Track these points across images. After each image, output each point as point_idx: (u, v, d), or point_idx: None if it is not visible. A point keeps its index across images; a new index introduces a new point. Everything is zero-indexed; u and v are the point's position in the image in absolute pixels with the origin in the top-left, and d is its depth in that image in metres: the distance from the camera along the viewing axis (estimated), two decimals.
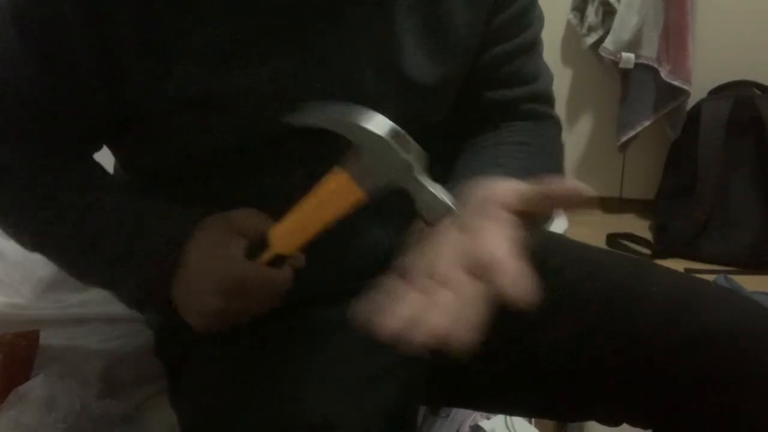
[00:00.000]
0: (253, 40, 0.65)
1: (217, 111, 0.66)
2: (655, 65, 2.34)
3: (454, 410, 1.09)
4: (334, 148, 0.59)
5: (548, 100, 0.84)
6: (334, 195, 0.60)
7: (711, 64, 2.37)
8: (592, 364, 0.72)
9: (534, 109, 0.82)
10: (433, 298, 0.52)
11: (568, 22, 2.49)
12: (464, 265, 0.54)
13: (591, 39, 2.42)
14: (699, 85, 2.36)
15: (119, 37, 0.63)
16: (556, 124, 0.84)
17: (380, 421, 0.66)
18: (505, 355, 0.76)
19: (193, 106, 0.65)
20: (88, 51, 0.64)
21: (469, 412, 1.11)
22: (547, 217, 0.58)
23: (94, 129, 0.71)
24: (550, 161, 0.79)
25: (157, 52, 0.63)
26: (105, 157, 0.78)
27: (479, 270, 0.52)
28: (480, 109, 0.81)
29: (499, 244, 0.54)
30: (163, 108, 0.66)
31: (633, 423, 0.74)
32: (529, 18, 0.79)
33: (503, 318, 0.75)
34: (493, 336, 0.75)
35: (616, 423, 0.75)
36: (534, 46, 0.81)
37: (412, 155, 0.58)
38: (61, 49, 0.64)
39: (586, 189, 0.53)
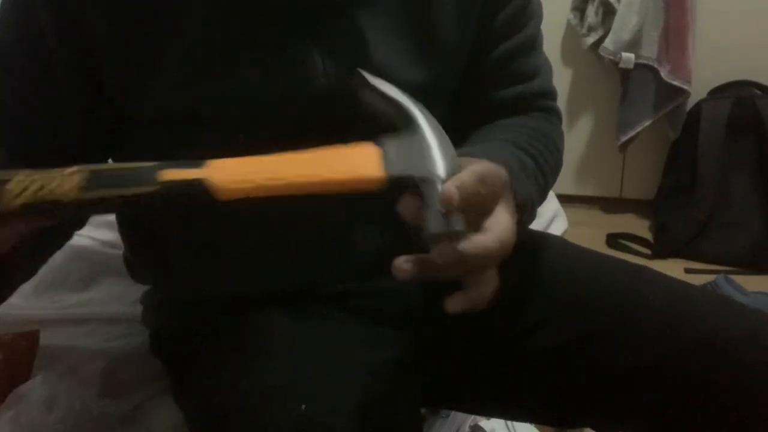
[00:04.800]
0: (228, 49, 0.65)
1: (198, 121, 0.66)
2: (655, 65, 2.34)
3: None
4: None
5: (551, 95, 0.84)
6: (354, 165, 0.51)
7: (711, 64, 2.37)
8: (589, 370, 0.72)
9: (538, 104, 0.82)
10: None
11: (568, 22, 2.49)
12: None
13: (591, 39, 2.41)
14: (699, 85, 2.35)
15: (95, 48, 0.63)
16: (558, 117, 0.84)
17: (380, 419, 0.65)
18: (501, 360, 0.76)
19: (173, 117, 0.65)
20: (65, 67, 0.64)
21: None
22: None
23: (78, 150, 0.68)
24: (557, 153, 0.78)
25: (134, 65, 0.64)
26: None
27: None
28: (481, 110, 0.80)
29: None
30: (144, 120, 0.66)
31: (629, 430, 0.74)
32: (526, 16, 0.79)
33: (500, 324, 0.75)
34: (490, 341, 0.76)
35: (613, 430, 0.75)
36: (533, 43, 0.81)
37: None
38: (37, 63, 0.64)
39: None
